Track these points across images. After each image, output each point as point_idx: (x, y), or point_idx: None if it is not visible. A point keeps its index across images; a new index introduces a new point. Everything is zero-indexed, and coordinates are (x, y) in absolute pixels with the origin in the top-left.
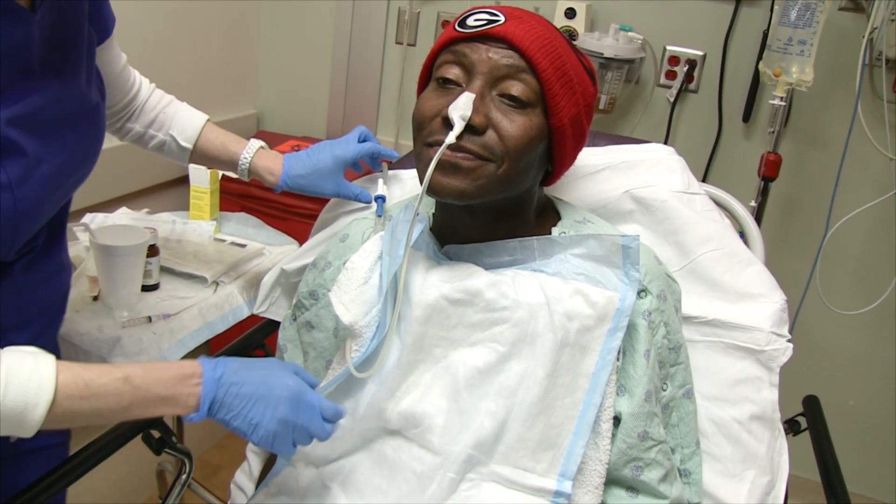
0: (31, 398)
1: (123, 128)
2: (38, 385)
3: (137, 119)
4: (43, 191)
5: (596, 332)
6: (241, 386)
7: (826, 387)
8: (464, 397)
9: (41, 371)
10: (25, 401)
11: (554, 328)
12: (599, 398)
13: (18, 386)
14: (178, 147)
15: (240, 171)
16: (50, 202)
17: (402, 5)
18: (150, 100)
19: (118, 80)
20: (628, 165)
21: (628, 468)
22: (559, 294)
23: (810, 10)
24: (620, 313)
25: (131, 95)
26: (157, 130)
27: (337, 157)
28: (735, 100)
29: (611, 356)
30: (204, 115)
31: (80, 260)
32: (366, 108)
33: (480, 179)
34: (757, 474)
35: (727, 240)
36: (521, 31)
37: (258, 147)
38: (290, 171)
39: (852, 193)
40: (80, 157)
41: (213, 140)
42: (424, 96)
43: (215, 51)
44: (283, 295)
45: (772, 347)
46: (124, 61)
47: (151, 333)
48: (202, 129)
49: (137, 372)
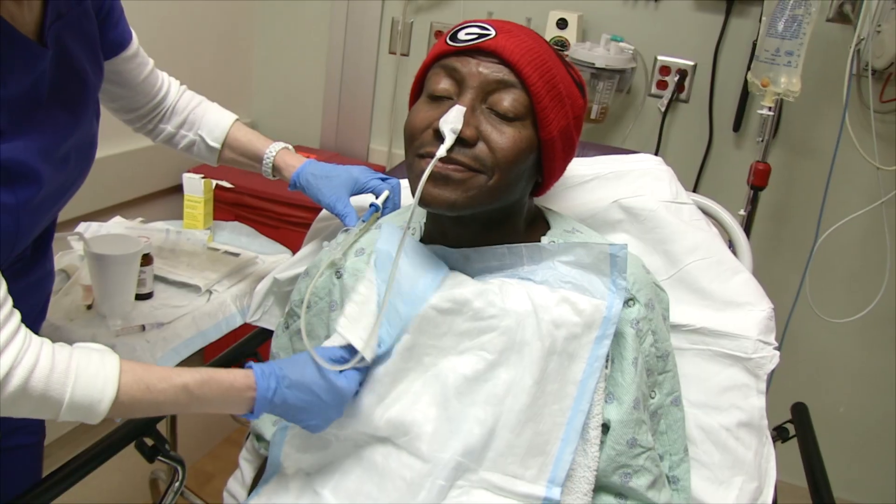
0: (96, 394)
1: (156, 129)
2: (103, 382)
3: (169, 120)
4: (45, 211)
5: (583, 339)
6: (292, 398)
7: (816, 394)
8: (453, 405)
9: (107, 369)
10: (91, 396)
11: (541, 336)
12: (587, 405)
13: (87, 381)
14: (206, 147)
15: (264, 168)
16: (47, 218)
17: (396, 16)
18: (181, 101)
19: (143, 85)
20: (617, 175)
21: (617, 475)
22: (546, 302)
23: (797, 21)
24: (608, 321)
25: (159, 98)
26: (187, 131)
27: (354, 177)
28: (725, 109)
29: (598, 363)
30: (232, 115)
31: (73, 269)
32: (359, 117)
33: (471, 190)
34: (745, 481)
35: (715, 249)
36: (511, 45)
37: (282, 147)
38: (306, 168)
39: (841, 202)
40: (79, 178)
41: (241, 138)
42: (416, 108)
43: (209, 60)
44: (276, 303)
45: (759, 355)
46: (150, 67)
47: (145, 342)
48: (230, 129)
49: (196, 380)
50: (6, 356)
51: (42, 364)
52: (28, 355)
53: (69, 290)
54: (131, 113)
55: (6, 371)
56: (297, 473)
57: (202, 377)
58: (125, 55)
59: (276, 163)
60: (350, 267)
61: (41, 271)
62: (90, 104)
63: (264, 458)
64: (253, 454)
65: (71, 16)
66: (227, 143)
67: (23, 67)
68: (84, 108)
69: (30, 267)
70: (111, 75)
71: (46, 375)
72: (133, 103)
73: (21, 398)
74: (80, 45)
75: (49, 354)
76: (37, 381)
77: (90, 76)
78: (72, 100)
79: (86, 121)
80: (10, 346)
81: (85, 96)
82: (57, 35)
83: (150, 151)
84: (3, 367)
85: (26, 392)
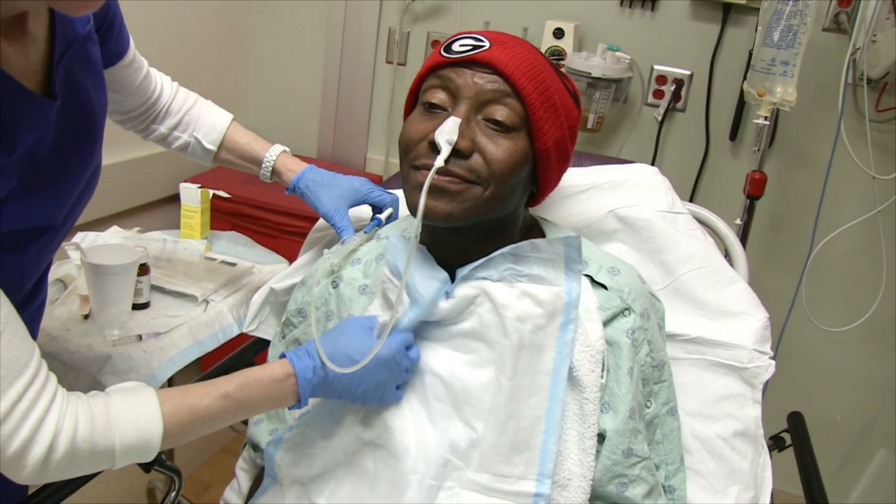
0: (144, 434)
1: (147, 129)
2: (146, 420)
3: (162, 121)
4: (52, 251)
5: (548, 329)
6: (335, 375)
7: (813, 403)
8: (433, 405)
9: (146, 407)
10: (140, 437)
11: (508, 333)
12: (563, 392)
13: (130, 426)
14: (202, 149)
15: (262, 171)
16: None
17: (393, 25)
18: (175, 101)
19: (138, 90)
20: (612, 185)
21: (613, 484)
22: (507, 300)
23: (792, 31)
24: (569, 306)
25: (153, 99)
26: (181, 132)
27: (355, 188)
28: (722, 119)
29: (567, 349)
30: (228, 115)
31: (70, 279)
32: (356, 126)
33: (467, 202)
34: (741, 490)
35: (710, 258)
36: (505, 56)
37: (282, 150)
38: (307, 174)
39: (837, 211)
40: (85, 205)
41: (239, 140)
42: (411, 120)
43: (206, 69)
44: (273, 313)
45: (754, 364)
46: (145, 71)
47: (142, 352)
48: (227, 131)
49: (234, 386)
50: (47, 425)
51: (82, 423)
52: (68, 419)
53: (66, 299)
54: (123, 115)
55: (50, 440)
56: (293, 484)
57: (240, 381)
58: (122, 63)
59: (276, 166)
60: (347, 277)
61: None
62: (98, 138)
63: (261, 468)
64: (249, 464)
65: (77, 44)
66: (223, 144)
67: (28, 125)
68: (93, 147)
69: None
70: (107, 83)
71: (89, 434)
72: (126, 106)
73: (73, 461)
74: (87, 74)
75: (87, 412)
76: (82, 442)
77: (98, 108)
78: (81, 140)
79: (95, 157)
80: (50, 414)
81: (94, 133)
82: (66, 71)
83: (147, 161)
84: (47, 437)
85: (76, 455)
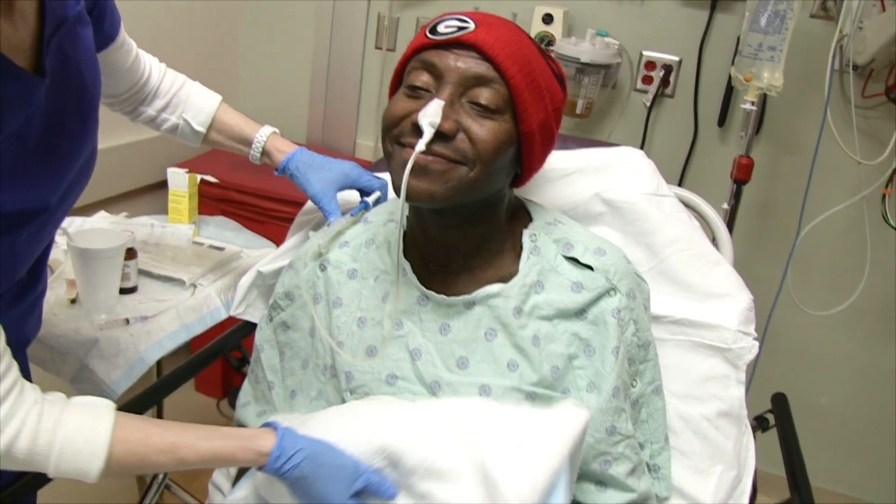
0: (82, 466)
1: (136, 111)
2: (89, 457)
3: (151, 103)
4: (46, 236)
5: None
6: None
7: (798, 385)
8: None
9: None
10: (76, 468)
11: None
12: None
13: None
14: (191, 131)
15: (252, 151)
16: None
17: (382, 11)
18: (163, 83)
19: (128, 73)
20: (598, 168)
21: (597, 462)
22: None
23: (780, 16)
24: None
25: (142, 82)
26: (170, 114)
27: (344, 172)
28: (710, 104)
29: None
30: (217, 96)
31: (57, 263)
32: (346, 112)
33: (451, 182)
34: (724, 469)
35: (696, 241)
36: (490, 38)
37: (272, 131)
38: (298, 155)
39: (823, 196)
40: (81, 190)
41: (228, 121)
42: (395, 99)
43: (195, 56)
44: (260, 297)
45: (738, 346)
46: (134, 53)
47: (129, 335)
48: (216, 112)
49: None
50: None
51: (24, 436)
52: (12, 424)
53: (53, 284)
54: (112, 98)
55: None
56: None
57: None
58: (114, 46)
59: (266, 147)
60: (334, 260)
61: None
62: (93, 120)
63: None
64: None
65: (69, 23)
66: (213, 126)
67: (16, 103)
68: (87, 128)
69: (27, 289)
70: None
71: (28, 447)
72: (115, 89)
73: (5, 460)
74: (80, 55)
75: (34, 425)
76: (18, 452)
77: (92, 90)
78: (74, 121)
79: (89, 140)
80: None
81: (88, 114)
82: (58, 50)
83: (135, 147)
84: None
85: (8, 459)
